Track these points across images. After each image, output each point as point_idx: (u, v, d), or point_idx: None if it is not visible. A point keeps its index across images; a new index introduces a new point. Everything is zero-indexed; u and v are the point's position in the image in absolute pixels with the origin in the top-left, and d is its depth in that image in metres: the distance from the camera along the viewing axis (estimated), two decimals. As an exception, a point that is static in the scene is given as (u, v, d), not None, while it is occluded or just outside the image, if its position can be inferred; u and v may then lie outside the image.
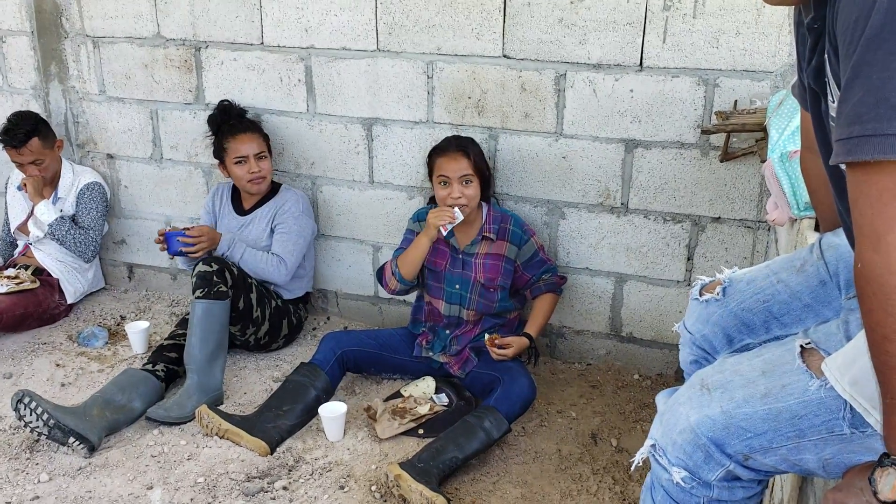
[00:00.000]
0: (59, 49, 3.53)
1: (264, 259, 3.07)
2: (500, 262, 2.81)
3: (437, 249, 2.86)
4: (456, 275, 2.84)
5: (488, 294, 2.82)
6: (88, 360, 3.15)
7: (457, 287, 2.84)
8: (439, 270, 2.86)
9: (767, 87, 2.60)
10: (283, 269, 3.10)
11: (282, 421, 2.63)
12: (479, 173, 2.76)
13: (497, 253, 2.81)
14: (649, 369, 3.07)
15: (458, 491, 2.39)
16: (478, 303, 2.83)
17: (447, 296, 2.87)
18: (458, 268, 2.83)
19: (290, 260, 3.11)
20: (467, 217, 2.78)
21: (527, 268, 2.83)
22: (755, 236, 2.79)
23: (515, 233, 2.82)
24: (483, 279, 2.80)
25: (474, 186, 2.74)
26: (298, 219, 3.15)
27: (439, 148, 2.79)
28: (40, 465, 2.48)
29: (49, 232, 3.39)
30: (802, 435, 1.18)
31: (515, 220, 2.84)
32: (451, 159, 2.73)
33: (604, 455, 2.56)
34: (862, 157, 0.90)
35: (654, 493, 1.42)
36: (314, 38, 3.09)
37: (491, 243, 2.81)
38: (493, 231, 2.81)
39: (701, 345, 1.60)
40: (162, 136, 3.50)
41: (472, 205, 2.76)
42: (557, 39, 2.78)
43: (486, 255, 2.81)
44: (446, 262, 2.85)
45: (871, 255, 0.92)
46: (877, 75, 0.89)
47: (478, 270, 2.81)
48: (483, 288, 2.81)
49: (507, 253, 2.81)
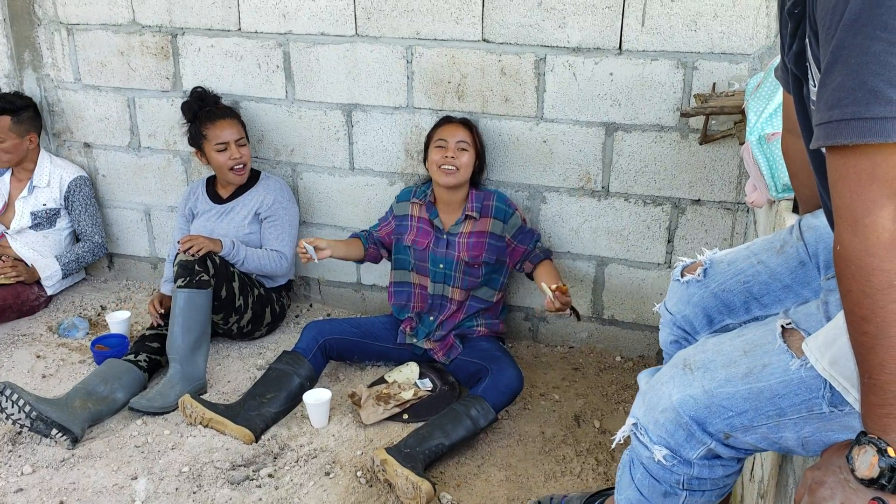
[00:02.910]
0: (33, 36, 3.47)
1: (266, 257, 3.10)
2: (485, 239, 2.82)
3: (420, 229, 2.88)
4: (440, 254, 2.85)
5: (472, 270, 2.83)
6: (69, 350, 3.13)
7: (441, 266, 2.85)
8: (422, 250, 2.87)
9: (746, 70, 2.62)
10: (285, 262, 3.14)
11: (266, 409, 2.63)
12: (476, 148, 2.82)
13: (481, 230, 2.82)
14: (631, 351, 3.10)
15: (443, 475, 2.40)
16: (463, 280, 2.84)
17: (432, 275, 2.88)
18: (441, 248, 2.84)
19: (289, 252, 3.15)
20: (452, 197, 2.81)
21: (519, 240, 2.84)
22: (735, 218, 2.81)
23: (499, 208, 2.83)
24: (467, 257, 2.81)
25: (469, 155, 2.78)
26: (287, 209, 3.17)
27: (444, 119, 2.89)
28: (23, 458, 2.47)
29: (65, 273, 3.49)
30: (783, 414, 1.20)
31: (498, 195, 2.86)
32: (452, 127, 2.82)
33: (587, 437, 2.59)
34: (841, 141, 0.91)
35: (634, 471, 1.44)
36: (292, 23, 3.07)
37: (475, 221, 2.83)
38: (475, 210, 2.82)
39: (681, 325, 1.62)
40: (139, 124, 3.46)
41: (463, 174, 2.77)
42: (537, 23, 2.77)
43: (470, 233, 2.83)
44: (429, 241, 2.86)
45: (850, 238, 0.93)
46: (855, 60, 0.90)
47: (461, 249, 2.82)
48: (467, 266, 2.82)
49: (491, 228, 2.82)
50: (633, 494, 1.45)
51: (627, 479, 1.47)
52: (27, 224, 3.45)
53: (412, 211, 2.92)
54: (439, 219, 2.86)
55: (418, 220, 2.89)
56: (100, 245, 3.58)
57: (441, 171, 2.76)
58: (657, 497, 1.41)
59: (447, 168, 2.75)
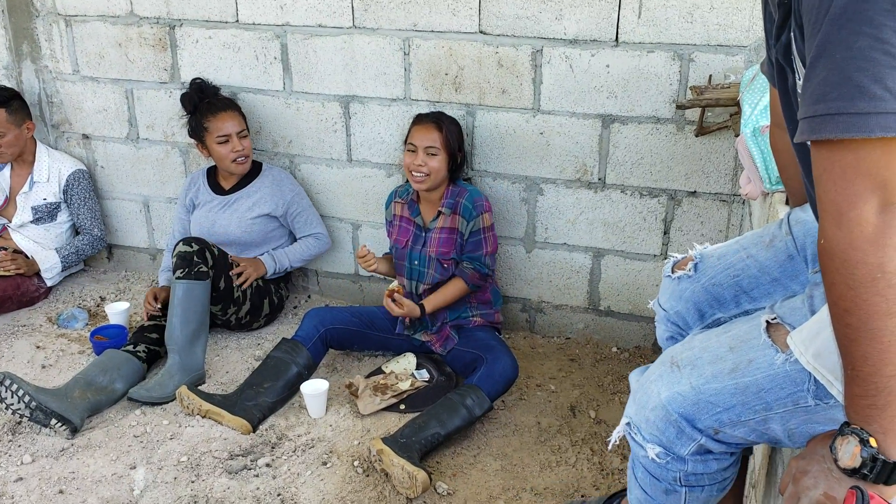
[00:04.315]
0: (31, 28, 3.48)
1: (306, 247, 3.26)
2: (454, 236, 2.81)
3: (401, 228, 2.89)
4: (416, 251, 2.86)
5: (443, 269, 2.82)
6: (69, 341, 3.15)
7: (416, 263, 2.86)
8: (402, 248, 2.88)
9: (741, 62, 2.62)
10: (325, 240, 3.29)
11: (263, 398, 2.64)
12: (448, 149, 2.75)
13: (451, 227, 2.81)
14: (627, 342, 3.11)
15: (440, 464, 2.42)
16: (433, 276, 2.84)
17: (407, 272, 2.89)
18: (419, 244, 2.85)
19: (322, 230, 3.27)
20: (431, 194, 2.82)
21: (467, 245, 2.80)
22: (730, 210, 2.82)
23: (466, 207, 2.78)
24: (435, 253, 2.81)
25: (438, 160, 2.74)
26: (301, 196, 3.26)
27: (417, 118, 2.83)
28: (23, 448, 2.49)
29: (64, 266, 3.51)
30: (769, 408, 1.21)
31: (471, 194, 2.79)
32: (422, 129, 2.76)
33: (582, 427, 2.61)
34: (826, 136, 0.92)
35: (636, 470, 1.46)
36: (289, 15, 3.07)
37: (446, 218, 2.82)
38: (446, 206, 2.80)
39: (675, 321, 1.63)
40: (138, 116, 3.47)
41: (434, 177, 2.76)
42: (534, 15, 2.77)
43: (442, 229, 2.82)
44: (408, 239, 2.87)
45: (834, 231, 0.94)
46: (840, 54, 0.90)
47: (432, 244, 2.82)
48: (437, 262, 2.82)
49: (459, 227, 2.80)
50: (639, 494, 1.47)
51: (633, 479, 1.49)
52: (28, 219, 3.46)
53: (396, 210, 2.94)
54: (421, 216, 2.86)
55: (401, 218, 2.91)
56: (99, 238, 3.59)
57: (412, 176, 2.77)
58: (660, 495, 1.42)
59: (416, 175, 2.75)
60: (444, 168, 2.77)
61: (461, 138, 2.82)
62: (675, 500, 1.42)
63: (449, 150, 2.76)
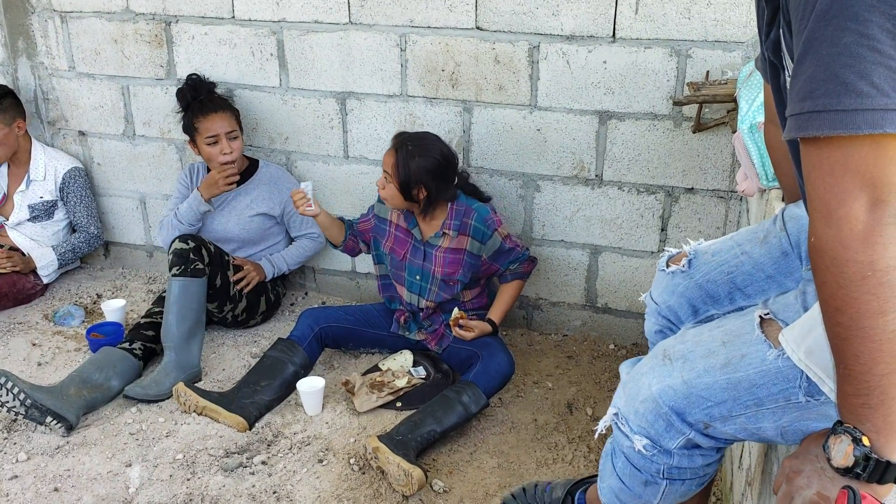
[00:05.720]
0: (26, 24, 3.47)
1: (301, 248, 3.29)
2: (461, 257, 2.75)
3: (397, 238, 2.84)
4: (416, 265, 2.81)
5: (448, 287, 2.80)
6: (65, 339, 3.15)
7: (417, 278, 2.82)
8: (400, 259, 2.84)
9: (739, 58, 2.61)
10: (320, 240, 3.30)
11: (259, 396, 2.64)
12: (398, 178, 2.62)
13: (458, 248, 2.75)
14: (624, 339, 3.11)
15: (436, 462, 2.42)
16: (437, 294, 2.81)
17: (408, 284, 2.86)
18: (418, 258, 2.80)
19: (317, 230, 3.28)
20: (432, 212, 2.73)
21: (494, 259, 2.77)
22: (728, 206, 2.82)
23: (477, 228, 2.72)
24: (441, 274, 2.77)
25: (391, 187, 2.66)
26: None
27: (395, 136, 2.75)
28: (18, 445, 2.49)
29: (61, 263, 3.51)
30: (760, 404, 1.21)
31: (479, 214, 2.72)
32: (388, 152, 2.68)
33: (579, 424, 2.60)
34: (813, 133, 0.92)
35: (615, 460, 1.45)
36: (285, 11, 3.06)
37: (452, 239, 2.75)
38: (452, 227, 2.73)
39: (666, 315, 1.63)
40: (134, 112, 3.46)
41: (391, 203, 2.74)
42: (530, 11, 2.76)
43: (447, 249, 2.75)
44: (406, 251, 2.82)
45: (824, 229, 0.93)
46: (826, 51, 0.90)
47: (437, 264, 2.77)
48: (442, 282, 2.79)
49: (468, 247, 2.75)
50: (614, 483, 1.47)
51: (609, 468, 1.48)
52: (25, 217, 3.45)
53: (391, 217, 2.86)
54: (418, 228, 2.79)
55: (396, 227, 2.84)
56: (95, 236, 3.59)
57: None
58: (638, 486, 1.42)
59: (384, 197, 2.74)
60: (398, 197, 2.67)
61: (435, 172, 2.63)
62: (653, 491, 1.42)
63: (399, 179, 2.63)
